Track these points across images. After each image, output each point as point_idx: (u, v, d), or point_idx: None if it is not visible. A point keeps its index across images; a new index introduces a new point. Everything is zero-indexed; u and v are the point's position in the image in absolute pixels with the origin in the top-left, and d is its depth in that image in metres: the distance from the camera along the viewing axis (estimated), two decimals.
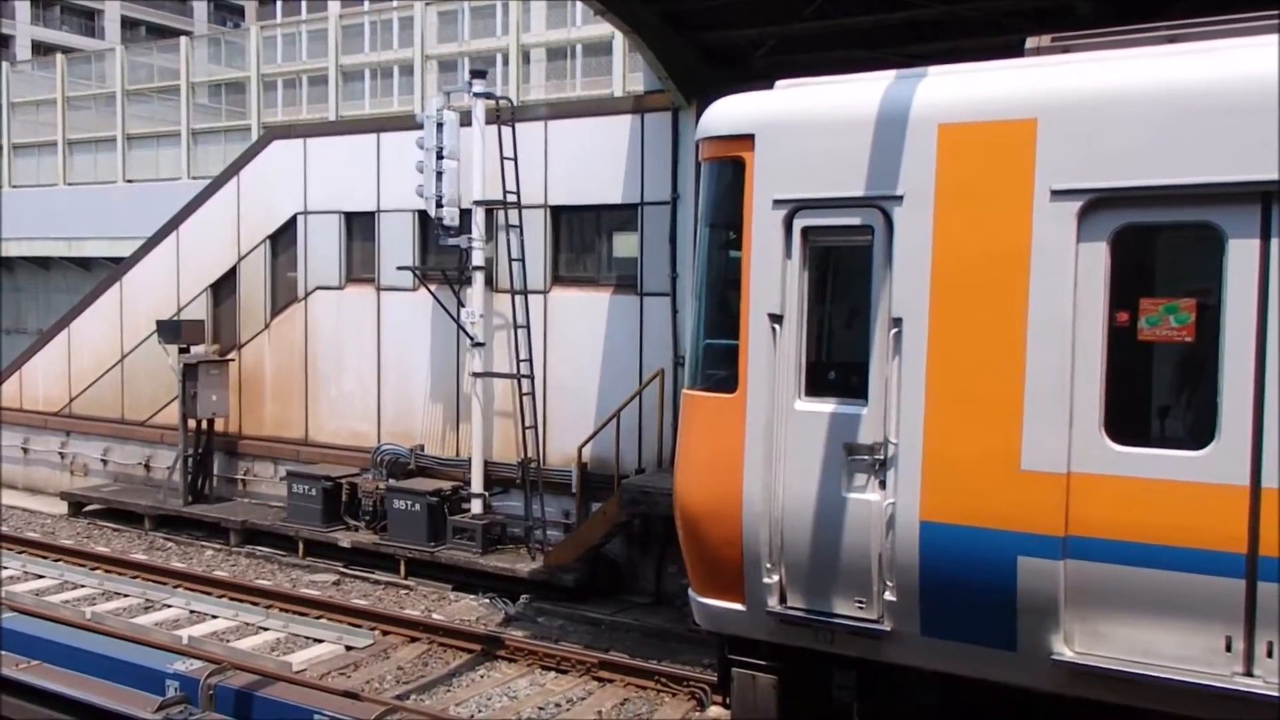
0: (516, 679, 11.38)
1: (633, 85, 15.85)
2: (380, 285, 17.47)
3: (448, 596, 14.51)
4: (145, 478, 20.05)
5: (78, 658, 10.03)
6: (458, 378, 16.57)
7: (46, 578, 14.90)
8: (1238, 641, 5.51)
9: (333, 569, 15.74)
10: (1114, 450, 5.78)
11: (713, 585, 7.05)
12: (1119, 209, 5.82)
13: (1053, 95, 6.00)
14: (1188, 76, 5.72)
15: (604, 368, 15.34)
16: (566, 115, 15.79)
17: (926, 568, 6.20)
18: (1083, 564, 5.81)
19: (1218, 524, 5.51)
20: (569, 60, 18.34)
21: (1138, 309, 5.85)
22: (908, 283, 6.29)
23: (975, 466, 6.07)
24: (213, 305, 19.43)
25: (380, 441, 17.18)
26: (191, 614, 13.48)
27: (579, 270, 16.00)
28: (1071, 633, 5.91)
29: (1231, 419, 5.53)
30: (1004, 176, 6.05)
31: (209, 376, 18.14)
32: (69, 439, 21.39)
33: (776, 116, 6.83)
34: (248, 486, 18.89)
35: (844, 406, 6.53)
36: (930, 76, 6.49)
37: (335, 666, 11.71)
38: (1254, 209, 5.52)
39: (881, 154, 6.38)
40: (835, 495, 6.49)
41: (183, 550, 17.03)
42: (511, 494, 15.87)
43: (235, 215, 19.07)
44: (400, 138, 16.62)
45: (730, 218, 7.04)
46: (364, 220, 17.68)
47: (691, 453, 7.14)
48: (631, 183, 15.04)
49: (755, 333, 6.76)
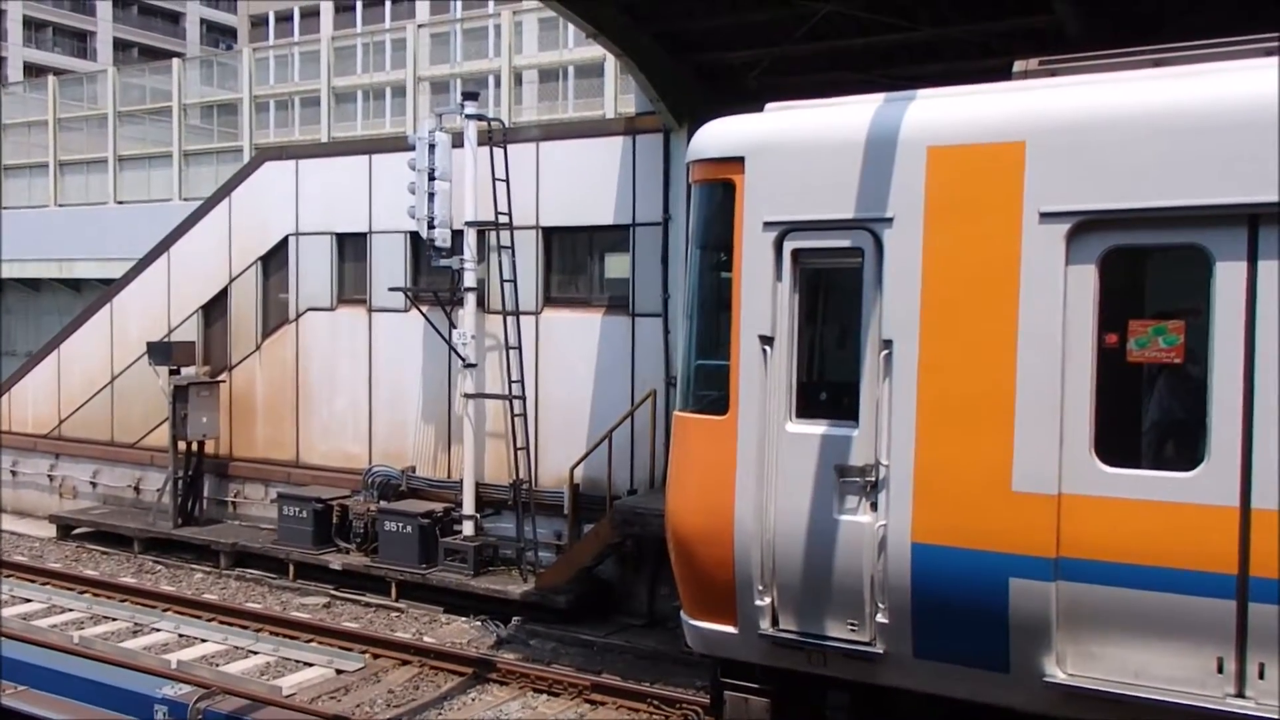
0: (508, 702, 11.32)
1: (624, 107, 15.92)
2: (372, 306, 17.47)
3: (439, 619, 14.43)
4: (135, 500, 19.93)
5: (66, 683, 9.98)
6: (449, 399, 16.55)
7: (34, 601, 14.79)
8: (1229, 662, 5.52)
9: (323, 591, 15.65)
10: (1104, 471, 5.80)
11: (705, 607, 7.04)
12: (1107, 231, 5.85)
13: (1041, 118, 6.04)
14: (1174, 100, 5.77)
15: (596, 389, 15.33)
16: (558, 137, 15.84)
17: (919, 589, 6.19)
18: (1074, 585, 5.81)
19: (1208, 545, 5.52)
20: (561, 82, 18.43)
21: (1127, 330, 5.88)
22: (898, 304, 6.31)
23: (967, 488, 6.08)
24: (204, 326, 19.39)
25: (372, 463, 17.14)
26: (181, 637, 13.38)
27: (571, 291, 16.02)
28: (1064, 654, 5.90)
29: (1221, 440, 5.55)
30: (993, 199, 6.08)
31: (200, 398, 18.08)
32: (58, 461, 21.29)
33: (767, 139, 6.86)
34: (238, 509, 18.80)
35: (835, 428, 6.54)
36: (919, 99, 6.53)
37: (326, 690, 11.62)
38: (1240, 231, 5.55)
39: (871, 176, 6.41)
40: (827, 517, 6.49)
41: (172, 573, 16.93)
42: (503, 515, 15.83)
43: (227, 236, 19.06)
44: (392, 159, 16.64)
45: (721, 239, 7.06)
46: (356, 241, 17.69)
47: (683, 474, 7.14)
48: (623, 204, 15.08)
49: (746, 354, 6.77)
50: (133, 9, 70.12)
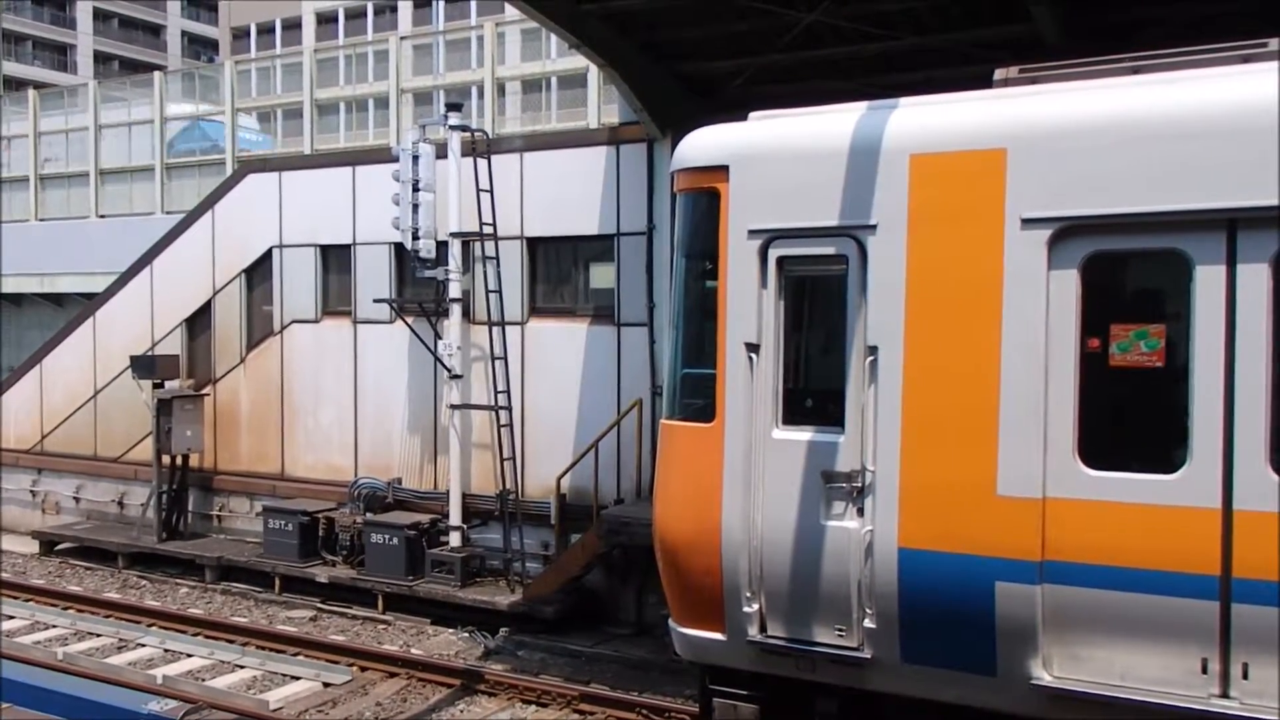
0: (497, 713, 11.29)
1: (608, 117, 15.97)
2: (357, 318, 17.44)
3: (426, 630, 14.39)
4: (119, 515, 19.81)
5: (49, 699, 9.90)
6: (435, 410, 16.52)
7: (17, 618, 14.68)
8: (1213, 663, 5.56)
9: (310, 605, 15.58)
10: (1088, 475, 5.84)
11: (693, 615, 7.04)
12: (1088, 237, 5.90)
13: (1021, 125, 6.09)
14: (1153, 106, 5.83)
15: (582, 398, 15.33)
16: (542, 147, 15.88)
17: (905, 594, 6.22)
18: (1059, 588, 5.85)
19: (1191, 547, 5.57)
20: (544, 92, 18.48)
21: (1109, 335, 5.92)
22: (882, 311, 6.35)
23: (952, 492, 6.11)
24: (187, 340, 19.32)
25: (357, 475, 17.09)
26: (166, 653, 13.31)
27: (556, 301, 16.04)
28: (1050, 657, 5.94)
29: (1203, 442, 5.60)
30: (975, 206, 6.13)
31: (184, 411, 18.00)
32: (40, 477, 21.14)
33: (750, 148, 6.90)
34: (223, 522, 18.71)
35: (821, 434, 6.57)
36: (902, 108, 6.58)
37: (313, 704, 11.57)
38: (1220, 236, 5.62)
39: (855, 184, 6.46)
40: (814, 523, 6.51)
41: (157, 588, 16.82)
42: (490, 526, 15.80)
43: (210, 249, 19.01)
44: (376, 170, 16.64)
45: (706, 248, 7.08)
46: (340, 253, 17.67)
47: (670, 482, 7.15)
48: (608, 213, 15.11)
49: (732, 362, 6.80)
50: (113, 22, 69.93)
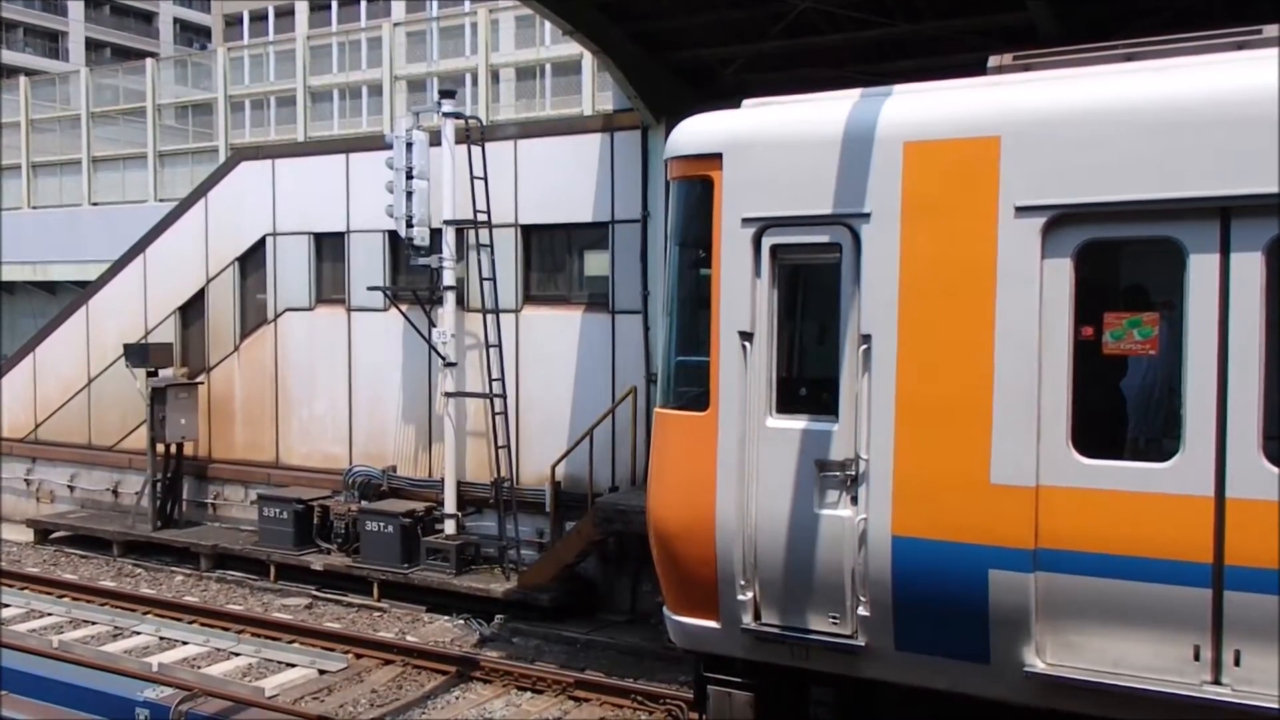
0: (492, 700, 11.32)
1: (602, 104, 15.93)
2: (351, 306, 17.40)
3: (422, 618, 14.41)
4: (113, 503, 19.80)
5: (46, 687, 9.91)
6: (430, 398, 16.50)
7: (12, 606, 14.66)
8: (1206, 650, 5.58)
9: (305, 593, 15.59)
10: (1081, 463, 5.85)
11: (687, 603, 7.06)
12: (1082, 225, 5.90)
13: (1015, 113, 6.08)
14: (1147, 94, 5.82)
15: (577, 386, 15.33)
16: (536, 134, 15.83)
17: (899, 582, 6.23)
18: (1053, 576, 5.86)
19: (1184, 535, 5.58)
20: (538, 80, 18.40)
21: (1102, 323, 5.93)
22: (876, 299, 6.35)
23: (946, 481, 6.12)
24: (181, 328, 19.27)
25: (352, 463, 17.09)
26: (161, 640, 13.32)
27: (551, 289, 16.02)
28: (1043, 645, 5.96)
29: (1195, 431, 5.61)
30: (969, 193, 6.12)
31: (178, 400, 17.96)
32: (34, 465, 21.10)
33: (744, 135, 6.88)
34: (218, 510, 18.70)
35: (815, 423, 6.57)
36: (895, 95, 6.56)
37: (308, 691, 11.59)
38: (1213, 224, 5.61)
39: (848, 172, 6.44)
40: (808, 512, 6.52)
41: (152, 576, 16.82)
42: (485, 514, 15.81)
43: (203, 237, 18.95)
44: (369, 158, 16.59)
45: (699, 236, 7.07)
46: (334, 241, 17.62)
47: (664, 471, 7.16)
48: (602, 201, 15.08)
49: (726, 350, 6.79)
50: (105, 9, 69.52)
